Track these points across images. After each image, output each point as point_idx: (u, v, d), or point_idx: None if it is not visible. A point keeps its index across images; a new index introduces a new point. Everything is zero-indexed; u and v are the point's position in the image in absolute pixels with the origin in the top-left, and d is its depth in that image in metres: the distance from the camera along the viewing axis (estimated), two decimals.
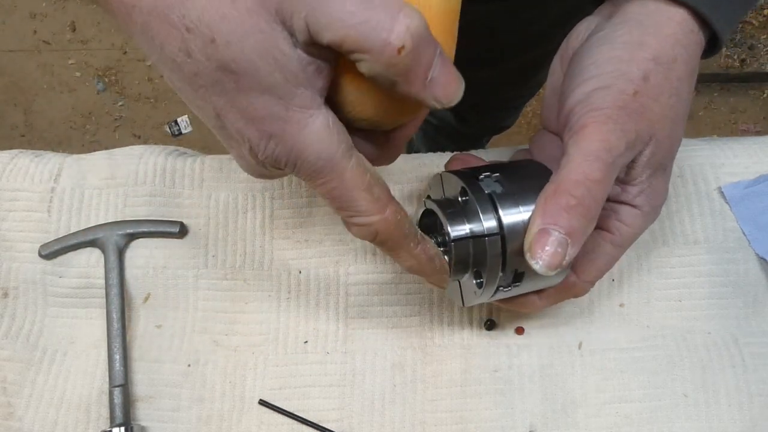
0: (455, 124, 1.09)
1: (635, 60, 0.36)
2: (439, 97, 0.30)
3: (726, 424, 0.45)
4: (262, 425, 0.46)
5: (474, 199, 0.37)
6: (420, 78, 0.29)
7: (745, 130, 1.70)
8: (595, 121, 0.35)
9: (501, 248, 0.36)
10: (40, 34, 1.76)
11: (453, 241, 0.37)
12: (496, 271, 0.37)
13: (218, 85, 0.29)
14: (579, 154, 0.35)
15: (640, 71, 0.36)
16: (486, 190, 0.37)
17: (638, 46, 0.36)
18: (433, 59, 0.29)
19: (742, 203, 0.50)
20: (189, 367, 0.48)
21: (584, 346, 0.48)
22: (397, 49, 0.27)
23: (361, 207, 0.32)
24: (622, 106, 0.35)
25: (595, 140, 0.35)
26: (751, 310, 0.48)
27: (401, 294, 0.49)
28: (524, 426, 0.46)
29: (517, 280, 0.38)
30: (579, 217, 0.34)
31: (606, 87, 0.36)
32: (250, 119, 0.30)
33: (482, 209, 0.36)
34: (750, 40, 1.78)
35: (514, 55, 0.80)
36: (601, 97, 0.36)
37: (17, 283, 0.50)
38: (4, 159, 0.53)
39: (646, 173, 0.38)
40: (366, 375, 0.47)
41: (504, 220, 0.36)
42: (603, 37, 0.38)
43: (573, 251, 0.34)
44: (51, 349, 0.48)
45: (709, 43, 0.39)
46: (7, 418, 0.46)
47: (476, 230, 0.37)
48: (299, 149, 0.30)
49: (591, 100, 0.36)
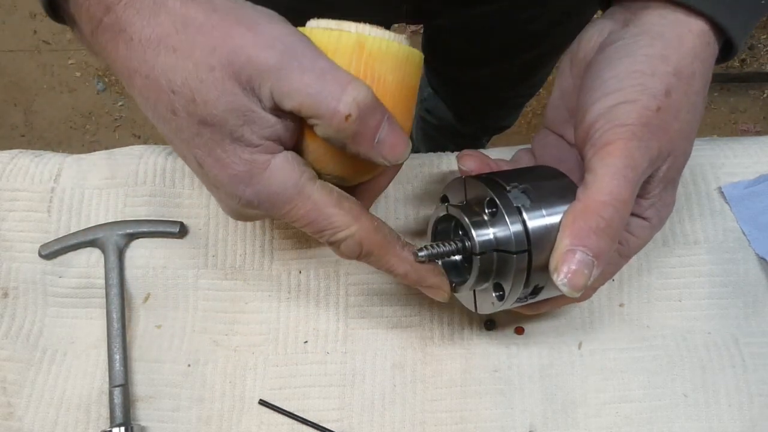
0: (455, 123, 1.09)
1: (658, 75, 0.36)
2: (387, 156, 0.34)
3: (726, 424, 0.45)
4: (262, 425, 0.46)
5: (504, 213, 0.36)
6: (368, 140, 0.34)
7: (745, 130, 1.70)
8: (621, 138, 0.35)
9: (527, 265, 0.36)
10: (40, 34, 1.76)
11: (479, 254, 0.37)
12: (519, 286, 0.37)
13: (198, 137, 0.34)
14: (607, 173, 0.34)
15: (663, 86, 0.35)
16: (515, 203, 0.36)
17: (660, 59, 0.36)
18: (381, 124, 0.34)
19: (742, 203, 0.50)
20: (189, 367, 0.48)
21: (584, 346, 0.48)
22: (345, 117, 0.32)
23: (336, 221, 0.36)
24: (646, 123, 0.35)
25: (621, 158, 0.34)
26: (751, 310, 0.48)
27: (401, 294, 0.49)
28: (524, 426, 0.46)
29: (534, 294, 0.38)
30: (607, 239, 0.34)
31: (629, 102, 0.35)
32: (223, 165, 0.34)
33: (512, 224, 0.36)
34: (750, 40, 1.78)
35: (514, 55, 0.80)
36: (625, 112, 0.35)
37: (17, 283, 0.50)
38: (4, 159, 0.53)
39: (659, 187, 0.38)
40: (366, 375, 0.47)
41: (532, 237, 0.36)
42: (622, 48, 0.37)
43: (597, 272, 0.34)
44: (51, 349, 0.48)
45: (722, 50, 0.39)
46: (7, 418, 0.46)
47: (503, 244, 0.36)
48: (266, 185, 0.34)
49: (615, 115, 0.35)
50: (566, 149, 0.43)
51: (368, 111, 0.33)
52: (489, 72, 0.86)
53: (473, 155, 0.44)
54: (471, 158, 0.43)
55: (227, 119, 0.33)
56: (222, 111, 0.32)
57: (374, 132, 0.34)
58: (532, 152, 0.45)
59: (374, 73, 0.35)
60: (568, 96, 0.42)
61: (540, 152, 0.45)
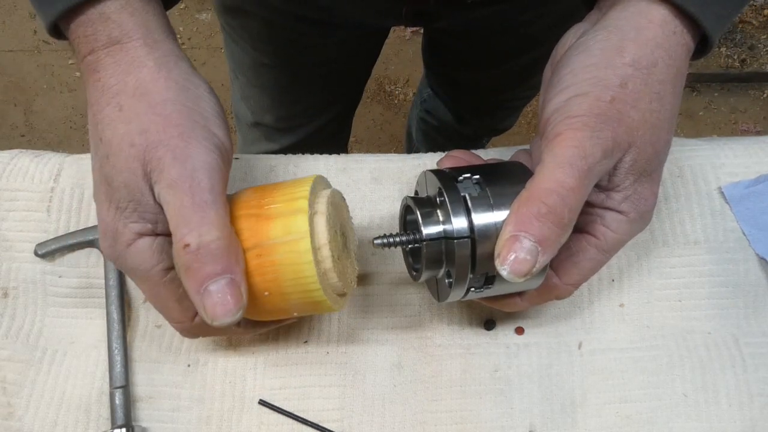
0: (455, 124, 1.09)
1: (612, 66, 0.36)
2: (204, 309, 0.35)
3: (726, 424, 0.45)
4: (262, 425, 0.46)
5: (448, 200, 0.37)
6: (195, 281, 0.34)
7: (745, 130, 1.70)
8: (570, 128, 0.35)
9: (471, 251, 0.37)
10: (40, 34, 1.76)
11: (424, 240, 0.38)
12: (465, 272, 0.37)
13: (99, 183, 0.38)
14: (552, 162, 0.35)
15: (618, 77, 0.36)
16: (462, 192, 0.37)
17: (616, 51, 0.36)
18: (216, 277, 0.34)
19: (742, 203, 0.50)
20: (189, 368, 0.48)
21: (584, 346, 0.48)
22: (183, 245, 0.34)
23: (173, 314, 0.39)
24: (598, 113, 0.35)
25: (568, 147, 0.35)
26: (751, 310, 0.48)
27: (401, 294, 0.49)
28: (524, 426, 0.46)
29: (488, 283, 0.39)
30: (550, 225, 0.34)
31: (583, 94, 0.36)
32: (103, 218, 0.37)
33: (454, 211, 0.37)
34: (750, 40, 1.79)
35: (513, 58, 0.80)
36: (577, 104, 0.36)
37: (17, 283, 0.50)
38: (4, 159, 0.53)
39: (629, 179, 0.38)
40: (366, 375, 0.47)
41: (475, 224, 0.36)
42: (581, 44, 0.38)
43: (544, 259, 0.34)
44: (51, 349, 0.48)
45: (701, 43, 0.39)
46: (7, 418, 0.46)
47: (448, 231, 0.37)
48: (123, 257, 0.37)
49: (567, 108, 0.36)
50: None
51: (208, 255, 0.34)
52: (488, 74, 0.86)
53: (453, 156, 0.44)
54: (450, 159, 0.44)
55: (120, 190, 0.36)
56: (120, 182, 0.36)
57: (204, 278, 0.34)
58: (529, 154, 0.46)
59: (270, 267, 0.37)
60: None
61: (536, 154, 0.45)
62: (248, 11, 0.69)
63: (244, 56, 0.78)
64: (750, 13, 1.80)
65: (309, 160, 0.53)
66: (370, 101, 1.74)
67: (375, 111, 1.74)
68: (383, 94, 1.75)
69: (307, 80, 0.80)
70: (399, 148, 1.67)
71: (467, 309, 0.49)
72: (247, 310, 0.36)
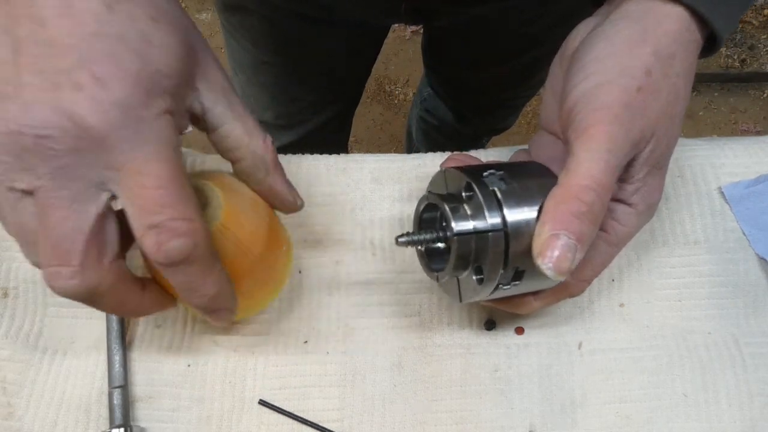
0: (455, 124, 1.09)
1: (637, 55, 0.36)
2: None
3: (726, 424, 0.45)
4: (262, 425, 0.46)
5: (479, 194, 0.37)
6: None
7: (746, 130, 1.70)
8: (602, 121, 0.35)
9: (504, 245, 0.36)
10: None
11: (456, 235, 0.37)
12: (497, 267, 0.37)
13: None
14: (587, 157, 0.34)
15: (643, 66, 0.36)
16: (490, 186, 0.37)
17: (638, 41, 0.36)
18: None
19: (743, 203, 0.50)
20: (189, 367, 0.48)
21: (584, 346, 0.48)
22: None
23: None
24: (627, 104, 0.35)
25: (603, 141, 0.34)
26: (751, 310, 0.48)
27: (401, 294, 0.49)
28: (524, 426, 0.46)
29: (516, 279, 0.38)
30: (588, 223, 0.34)
31: (609, 83, 0.36)
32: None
33: (487, 205, 0.36)
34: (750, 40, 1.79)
35: (514, 56, 0.80)
36: (605, 93, 0.35)
37: (17, 283, 0.50)
38: None
39: (643, 171, 0.38)
40: (366, 375, 0.47)
41: (508, 218, 0.36)
42: (602, 33, 0.38)
43: (579, 256, 0.34)
44: (51, 349, 0.48)
45: (707, 42, 0.39)
46: (6, 418, 0.46)
47: (480, 226, 0.37)
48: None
49: (595, 97, 0.36)
50: (561, 148, 0.44)
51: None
52: (489, 73, 0.86)
53: (456, 158, 0.44)
54: (453, 161, 0.44)
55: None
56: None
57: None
58: (529, 153, 0.46)
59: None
60: (558, 94, 0.42)
61: (536, 152, 0.45)
62: (248, 9, 0.69)
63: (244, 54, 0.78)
64: (750, 13, 1.80)
65: (309, 160, 0.53)
66: (370, 101, 1.74)
67: (375, 111, 1.74)
68: (383, 94, 1.76)
69: (307, 78, 0.81)
70: (399, 148, 1.67)
71: (467, 309, 0.49)
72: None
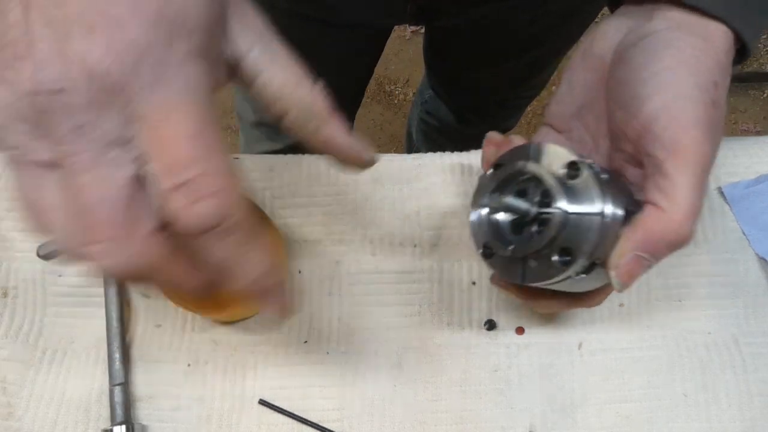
0: (456, 125, 1.09)
1: (706, 67, 0.35)
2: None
3: (726, 424, 0.45)
4: (262, 425, 0.46)
5: (590, 175, 0.35)
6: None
7: (745, 130, 1.70)
8: (695, 141, 0.34)
9: (600, 234, 0.35)
10: None
11: (566, 213, 0.35)
12: (586, 255, 0.35)
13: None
14: (686, 183, 0.33)
15: (712, 78, 0.35)
16: (596, 170, 0.35)
17: (703, 52, 0.35)
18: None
19: (742, 203, 0.50)
20: (189, 367, 0.48)
21: (584, 346, 0.48)
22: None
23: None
24: (710, 121, 0.34)
25: (699, 163, 0.33)
26: (751, 310, 0.48)
27: (401, 294, 0.49)
28: (524, 426, 0.46)
29: (587, 272, 0.36)
30: (671, 252, 0.34)
31: (689, 97, 0.34)
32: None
33: (597, 188, 0.34)
34: None
35: (516, 57, 0.80)
36: (690, 108, 0.34)
37: (17, 283, 0.50)
38: (4, 159, 0.53)
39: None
40: (366, 375, 0.47)
41: (609, 209, 0.34)
42: (663, 40, 0.36)
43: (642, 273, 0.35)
44: (51, 349, 0.48)
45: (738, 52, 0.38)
46: (6, 418, 0.46)
47: (586, 209, 0.35)
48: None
49: (680, 111, 0.34)
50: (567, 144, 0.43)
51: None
52: (490, 73, 0.86)
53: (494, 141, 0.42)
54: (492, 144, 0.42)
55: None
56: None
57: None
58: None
59: None
60: (578, 90, 0.41)
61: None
62: None
63: None
64: None
65: (309, 160, 0.53)
66: (370, 101, 1.74)
67: (375, 111, 1.74)
68: (383, 94, 1.76)
69: None
70: (399, 148, 1.67)
71: (467, 309, 0.49)
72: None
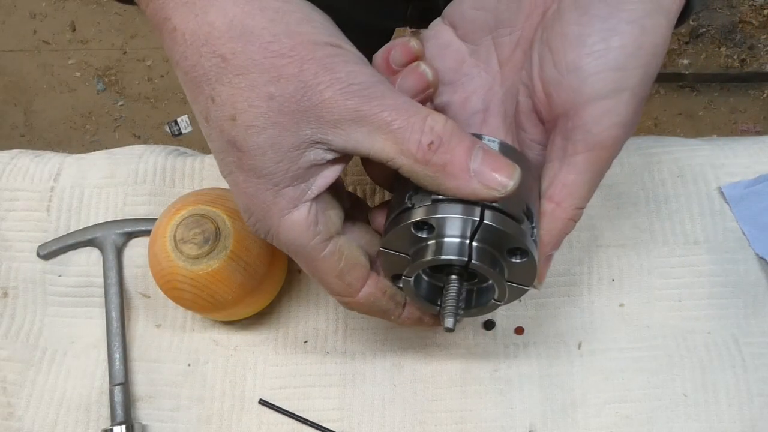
0: None
1: (655, 56, 0.32)
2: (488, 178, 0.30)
3: (726, 424, 0.45)
4: (262, 425, 0.46)
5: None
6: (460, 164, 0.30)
7: (745, 130, 1.70)
8: (615, 143, 0.32)
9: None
10: (40, 34, 1.76)
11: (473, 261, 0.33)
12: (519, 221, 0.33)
13: (224, 153, 0.31)
14: (588, 179, 0.33)
15: (654, 72, 0.32)
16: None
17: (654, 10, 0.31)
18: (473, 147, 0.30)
19: (742, 203, 0.50)
20: (189, 367, 0.47)
21: (584, 346, 0.48)
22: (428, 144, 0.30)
23: (333, 289, 0.35)
24: (633, 123, 0.33)
25: (607, 164, 0.33)
26: (751, 310, 0.48)
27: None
28: (524, 426, 0.46)
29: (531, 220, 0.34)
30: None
31: (628, 90, 0.31)
32: (241, 191, 0.32)
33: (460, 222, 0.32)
34: (750, 40, 1.78)
35: None
36: (624, 106, 0.32)
37: (17, 283, 0.50)
38: (4, 159, 0.53)
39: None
40: (366, 375, 0.47)
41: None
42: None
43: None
44: (51, 349, 0.48)
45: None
46: (7, 418, 0.46)
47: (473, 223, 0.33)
48: (276, 232, 0.33)
49: (616, 109, 0.32)
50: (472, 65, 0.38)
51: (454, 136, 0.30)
52: None
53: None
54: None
55: (265, 152, 0.30)
56: (263, 142, 0.30)
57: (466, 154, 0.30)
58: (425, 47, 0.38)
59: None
60: (505, 4, 0.36)
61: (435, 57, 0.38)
62: None
63: None
64: (750, 13, 1.80)
65: None
66: None
67: None
68: None
69: None
70: None
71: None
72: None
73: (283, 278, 0.48)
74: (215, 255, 0.41)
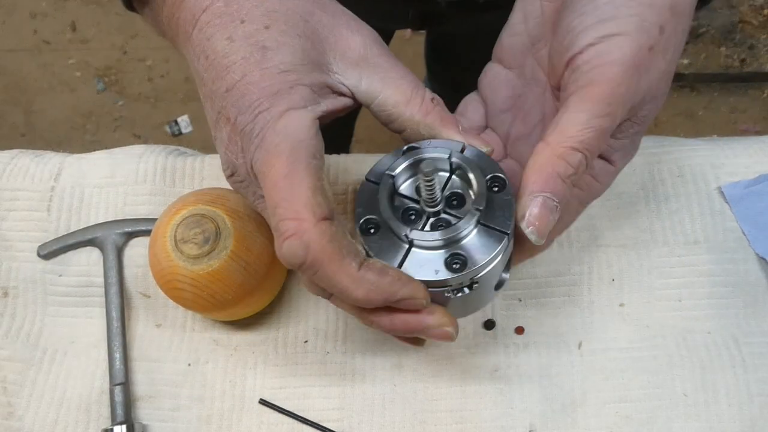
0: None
1: (655, 6, 0.33)
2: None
3: (726, 424, 0.45)
4: (262, 425, 0.46)
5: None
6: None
7: (745, 130, 1.70)
8: (608, 81, 0.32)
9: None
10: (41, 33, 1.76)
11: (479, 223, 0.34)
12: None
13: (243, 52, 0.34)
14: (581, 119, 0.32)
15: (659, 20, 0.33)
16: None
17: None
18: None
19: (742, 203, 0.50)
20: (189, 367, 0.48)
21: (584, 346, 0.48)
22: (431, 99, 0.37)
23: (295, 205, 0.31)
24: (637, 65, 0.32)
25: (603, 104, 0.32)
26: (751, 310, 0.48)
27: None
28: (524, 426, 0.46)
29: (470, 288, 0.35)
30: (570, 185, 0.33)
31: (624, 35, 0.32)
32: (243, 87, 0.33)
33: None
34: (750, 40, 1.78)
35: None
36: (618, 48, 0.32)
37: (17, 283, 0.50)
38: (4, 159, 0.53)
39: (633, 130, 0.36)
40: (366, 375, 0.47)
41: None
42: None
43: (557, 216, 0.33)
44: (51, 349, 0.48)
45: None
46: (7, 418, 0.46)
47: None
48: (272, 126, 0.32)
49: (606, 50, 0.33)
50: (522, 85, 0.40)
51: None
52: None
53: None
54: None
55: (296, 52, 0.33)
56: (296, 44, 0.33)
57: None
58: (480, 96, 0.42)
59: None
60: (533, 23, 0.39)
61: (490, 94, 0.41)
62: None
63: None
64: (750, 13, 1.80)
65: None
66: None
67: None
68: None
69: None
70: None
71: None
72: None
73: (283, 278, 0.48)
74: (215, 255, 0.41)
